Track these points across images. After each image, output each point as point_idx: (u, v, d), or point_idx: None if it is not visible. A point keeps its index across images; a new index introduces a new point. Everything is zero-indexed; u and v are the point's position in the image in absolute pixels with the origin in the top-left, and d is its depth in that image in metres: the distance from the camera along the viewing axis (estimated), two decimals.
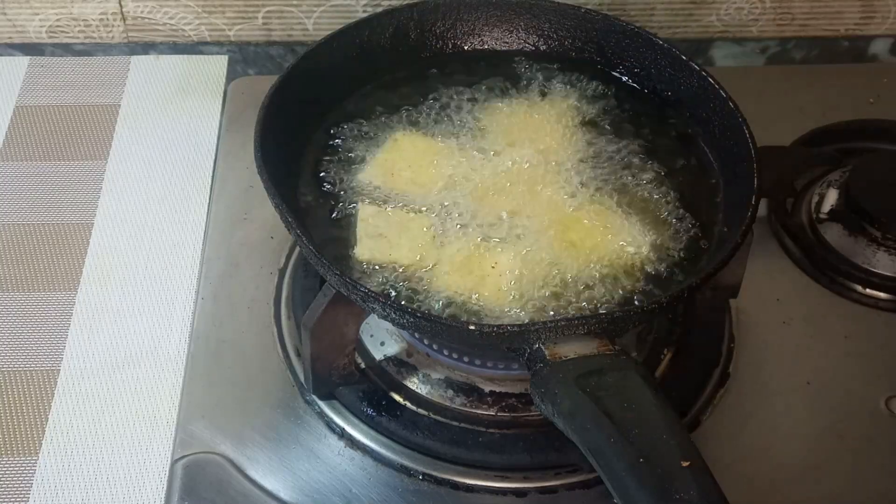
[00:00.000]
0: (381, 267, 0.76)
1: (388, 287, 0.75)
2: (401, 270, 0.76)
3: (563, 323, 0.69)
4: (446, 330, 0.71)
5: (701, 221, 0.80)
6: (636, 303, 0.75)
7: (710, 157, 0.85)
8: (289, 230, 0.75)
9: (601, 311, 0.73)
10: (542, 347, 0.68)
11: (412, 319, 0.70)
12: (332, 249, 0.77)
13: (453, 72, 0.92)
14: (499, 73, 0.92)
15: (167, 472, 0.80)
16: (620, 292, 0.75)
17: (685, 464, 0.59)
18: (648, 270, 0.77)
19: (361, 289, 0.70)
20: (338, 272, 0.71)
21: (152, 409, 0.85)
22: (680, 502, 0.57)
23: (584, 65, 0.92)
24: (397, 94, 0.89)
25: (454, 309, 0.74)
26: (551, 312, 0.74)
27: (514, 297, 0.74)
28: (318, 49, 0.86)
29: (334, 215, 0.80)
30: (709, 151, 0.86)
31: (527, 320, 0.73)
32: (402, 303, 0.73)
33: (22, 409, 0.85)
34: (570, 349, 0.68)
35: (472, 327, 0.69)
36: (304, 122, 0.85)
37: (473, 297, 0.74)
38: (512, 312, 0.73)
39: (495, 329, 0.69)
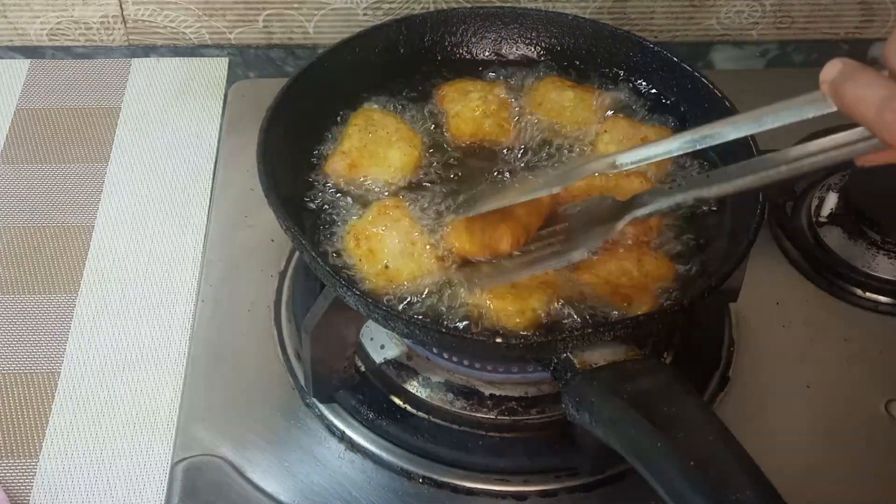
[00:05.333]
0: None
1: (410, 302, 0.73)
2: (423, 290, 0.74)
3: (589, 330, 0.69)
4: (471, 345, 0.70)
5: (704, 223, 0.80)
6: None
7: (712, 158, 0.85)
8: (299, 250, 0.74)
9: (629, 317, 0.72)
10: (571, 356, 0.68)
11: (437, 337, 0.70)
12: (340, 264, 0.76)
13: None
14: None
15: (167, 475, 0.80)
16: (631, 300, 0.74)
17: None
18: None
19: (390, 310, 0.69)
20: (358, 293, 0.70)
21: (152, 411, 0.85)
22: (737, 503, 0.57)
23: (576, 71, 0.92)
24: (391, 103, 0.89)
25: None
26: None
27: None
28: (309, 69, 0.85)
29: (337, 223, 0.79)
30: (710, 153, 0.85)
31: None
32: (429, 322, 0.70)
33: (22, 412, 0.85)
34: (600, 356, 0.68)
35: (498, 340, 0.68)
36: (305, 135, 0.84)
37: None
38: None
39: (521, 341, 0.68)
